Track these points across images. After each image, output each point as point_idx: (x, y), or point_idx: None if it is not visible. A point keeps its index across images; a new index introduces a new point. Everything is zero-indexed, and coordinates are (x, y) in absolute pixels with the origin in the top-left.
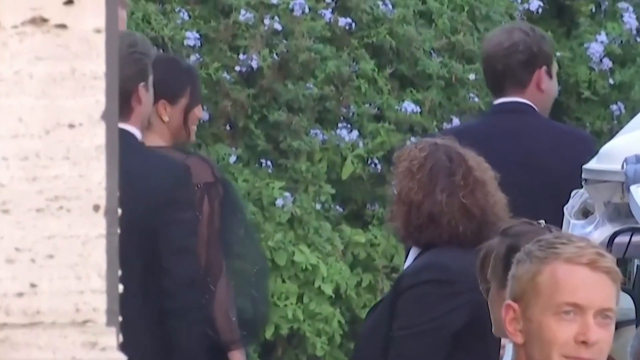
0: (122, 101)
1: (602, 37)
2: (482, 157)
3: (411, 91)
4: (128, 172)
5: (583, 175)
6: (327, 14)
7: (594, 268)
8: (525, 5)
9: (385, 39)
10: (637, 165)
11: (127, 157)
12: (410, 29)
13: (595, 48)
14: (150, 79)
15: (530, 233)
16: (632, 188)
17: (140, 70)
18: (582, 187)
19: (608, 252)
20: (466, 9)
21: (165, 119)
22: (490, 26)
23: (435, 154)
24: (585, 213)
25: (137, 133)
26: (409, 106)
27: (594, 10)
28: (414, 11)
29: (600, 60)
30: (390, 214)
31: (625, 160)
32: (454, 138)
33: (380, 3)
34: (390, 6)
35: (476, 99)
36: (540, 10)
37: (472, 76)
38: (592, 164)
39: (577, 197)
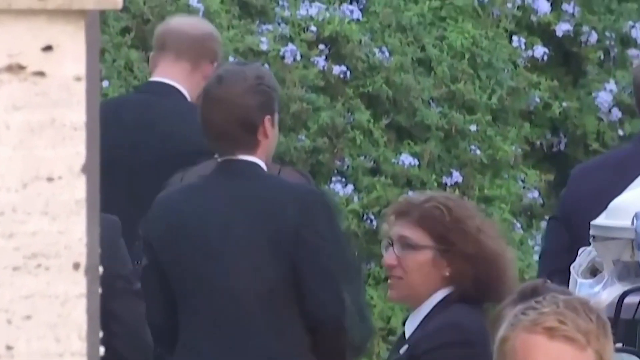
0: (248, 134)
1: (611, 85)
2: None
3: (409, 143)
4: (259, 198)
5: (591, 232)
6: (321, 61)
7: (552, 337)
8: (530, 52)
9: (382, 88)
10: None
11: (255, 184)
12: (408, 77)
13: (604, 97)
14: (277, 115)
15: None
16: None
17: (265, 102)
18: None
19: (615, 314)
20: (467, 56)
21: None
22: (492, 74)
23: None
24: (593, 272)
25: (263, 165)
26: (406, 159)
27: (602, 57)
28: (412, 59)
29: (609, 110)
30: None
31: (636, 215)
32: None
33: (376, 50)
34: (387, 54)
35: (477, 151)
36: (545, 58)
37: (473, 127)
38: (601, 220)
39: (585, 255)
